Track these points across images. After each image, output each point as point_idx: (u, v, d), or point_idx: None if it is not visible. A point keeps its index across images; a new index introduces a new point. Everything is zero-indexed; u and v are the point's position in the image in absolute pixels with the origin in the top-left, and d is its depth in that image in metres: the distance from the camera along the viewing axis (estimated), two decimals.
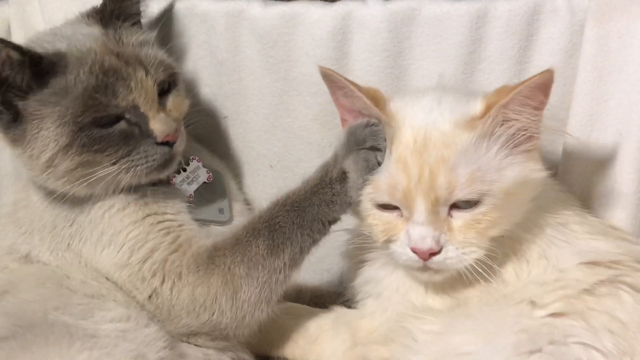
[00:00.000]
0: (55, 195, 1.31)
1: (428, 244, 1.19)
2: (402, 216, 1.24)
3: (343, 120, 1.34)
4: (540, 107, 1.19)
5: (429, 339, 1.23)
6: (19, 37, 1.60)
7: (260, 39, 1.54)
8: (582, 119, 1.45)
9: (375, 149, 1.25)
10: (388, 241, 1.26)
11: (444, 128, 1.21)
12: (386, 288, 1.35)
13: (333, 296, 1.57)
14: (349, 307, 1.43)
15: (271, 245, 1.28)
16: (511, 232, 1.25)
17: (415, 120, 1.24)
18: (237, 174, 1.65)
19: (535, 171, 1.23)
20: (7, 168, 1.55)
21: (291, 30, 1.52)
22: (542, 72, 1.16)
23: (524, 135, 1.20)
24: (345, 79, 1.26)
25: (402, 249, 1.23)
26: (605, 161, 1.45)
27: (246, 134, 1.65)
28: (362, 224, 1.30)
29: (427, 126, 1.22)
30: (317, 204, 1.28)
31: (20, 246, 1.37)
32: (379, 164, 1.25)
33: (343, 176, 1.28)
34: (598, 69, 1.42)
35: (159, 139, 1.27)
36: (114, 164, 1.25)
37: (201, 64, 1.63)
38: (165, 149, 1.28)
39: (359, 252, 1.37)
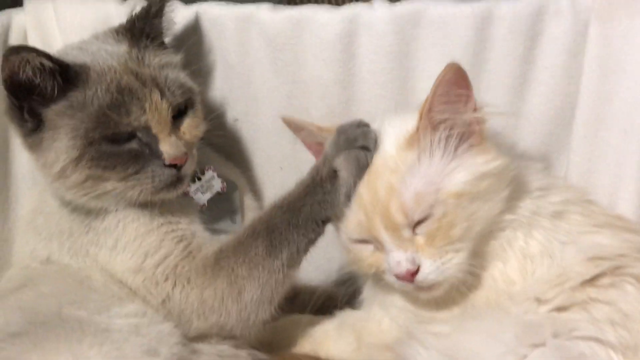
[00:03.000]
0: (69, 203, 1.34)
1: (403, 266, 1.20)
2: (377, 248, 1.26)
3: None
4: (466, 100, 1.20)
5: (437, 340, 1.23)
6: (34, 45, 1.63)
7: (269, 43, 1.56)
8: (589, 118, 1.46)
9: (366, 148, 1.27)
10: (378, 272, 1.28)
11: (390, 153, 1.24)
12: (394, 304, 1.35)
13: (345, 297, 1.59)
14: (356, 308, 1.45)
15: (269, 246, 1.29)
16: (500, 224, 1.26)
17: None
18: (248, 176, 1.66)
19: (488, 162, 1.22)
20: (24, 171, 1.57)
21: (299, 33, 1.53)
22: (445, 68, 1.17)
23: (461, 132, 1.21)
24: (304, 121, 1.35)
25: (391, 279, 1.24)
26: (611, 159, 1.45)
27: (256, 136, 1.67)
28: (349, 260, 1.33)
29: (376, 155, 1.26)
30: (310, 203, 1.29)
31: (40, 251, 1.40)
32: (369, 164, 1.26)
33: (333, 175, 1.28)
34: (603, 69, 1.43)
35: (167, 162, 1.28)
36: (121, 180, 1.27)
37: (212, 68, 1.65)
38: (173, 171, 1.29)
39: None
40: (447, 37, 1.49)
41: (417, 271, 1.21)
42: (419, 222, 1.21)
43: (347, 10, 1.51)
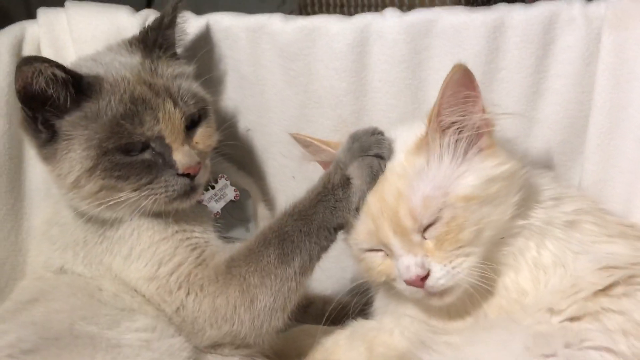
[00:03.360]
0: (84, 213, 1.34)
1: (413, 271, 1.19)
2: (387, 255, 1.26)
3: None
4: (473, 101, 1.20)
5: (448, 350, 1.22)
6: (48, 56, 1.64)
7: (281, 53, 1.56)
8: (602, 126, 1.46)
9: (379, 156, 1.27)
10: (389, 281, 1.27)
11: (398, 159, 1.24)
12: (406, 313, 1.34)
13: (357, 307, 1.58)
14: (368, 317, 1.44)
15: (281, 254, 1.29)
16: (511, 230, 1.25)
17: None
18: (261, 186, 1.67)
19: (498, 166, 1.21)
20: (38, 182, 1.58)
21: (311, 43, 1.54)
22: (452, 69, 1.17)
23: (470, 135, 1.20)
24: (311, 137, 1.36)
25: (402, 286, 1.23)
26: (625, 168, 1.44)
27: (269, 145, 1.68)
28: (360, 270, 1.33)
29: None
30: (322, 211, 1.29)
31: (54, 261, 1.40)
32: (382, 172, 1.26)
33: (346, 182, 1.28)
34: (616, 77, 1.42)
35: (180, 171, 1.29)
36: (135, 190, 1.28)
37: (224, 78, 1.66)
38: (186, 180, 1.30)
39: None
40: (459, 46, 1.49)
41: (427, 276, 1.20)
42: (428, 227, 1.20)
43: (358, 19, 1.52)
